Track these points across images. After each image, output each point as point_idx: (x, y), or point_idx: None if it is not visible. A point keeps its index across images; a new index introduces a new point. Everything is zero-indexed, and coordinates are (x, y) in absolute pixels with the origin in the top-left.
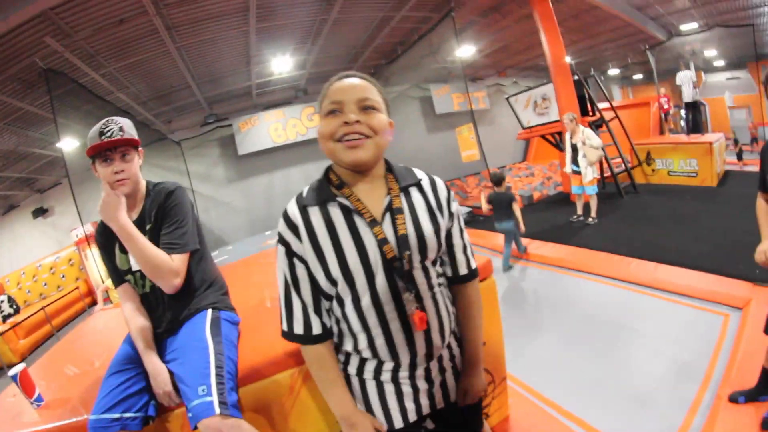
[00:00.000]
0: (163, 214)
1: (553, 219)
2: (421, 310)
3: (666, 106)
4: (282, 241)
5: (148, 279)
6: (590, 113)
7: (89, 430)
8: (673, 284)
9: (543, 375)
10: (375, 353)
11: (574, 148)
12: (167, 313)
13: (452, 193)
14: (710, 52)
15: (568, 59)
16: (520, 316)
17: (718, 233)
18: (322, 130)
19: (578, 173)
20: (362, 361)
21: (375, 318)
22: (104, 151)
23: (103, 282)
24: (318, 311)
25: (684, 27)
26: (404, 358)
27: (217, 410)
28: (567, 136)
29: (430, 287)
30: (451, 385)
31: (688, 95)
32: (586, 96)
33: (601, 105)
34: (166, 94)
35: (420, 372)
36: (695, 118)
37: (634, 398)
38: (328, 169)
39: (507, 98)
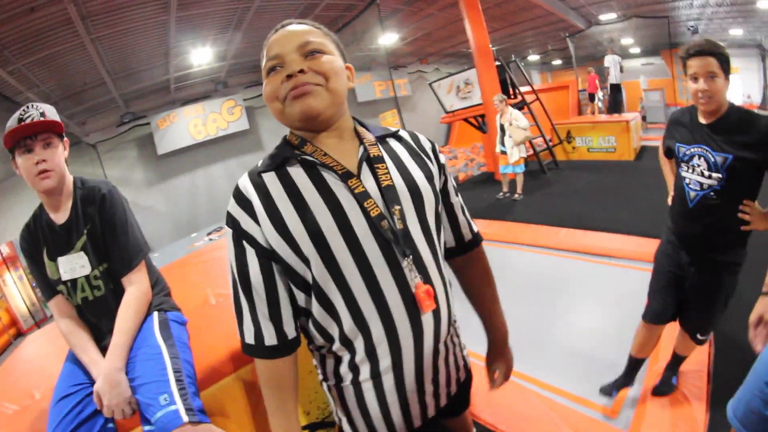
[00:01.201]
0: (104, 223)
1: (480, 197)
2: (426, 283)
3: (595, 87)
4: (230, 221)
5: (80, 289)
6: (512, 96)
7: None
8: (602, 248)
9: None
10: (371, 349)
11: (502, 129)
12: (110, 323)
13: (437, 145)
14: (627, 40)
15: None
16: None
17: (639, 201)
18: (265, 91)
19: (506, 153)
20: (355, 365)
21: (369, 299)
22: (24, 139)
23: (27, 308)
24: (275, 315)
25: (603, 17)
26: (408, 352)
27: (185, 418)
28: (497, 117)
29: (434, 253)
30: (453, 378)
31: (614, 77)
32: (508, 80)
33: (523, 89)
34: (80, 92)
35: (428, 371)
36: (616, 99)
37: (581, 354)
38: (287, 135)
39: (430, 84)
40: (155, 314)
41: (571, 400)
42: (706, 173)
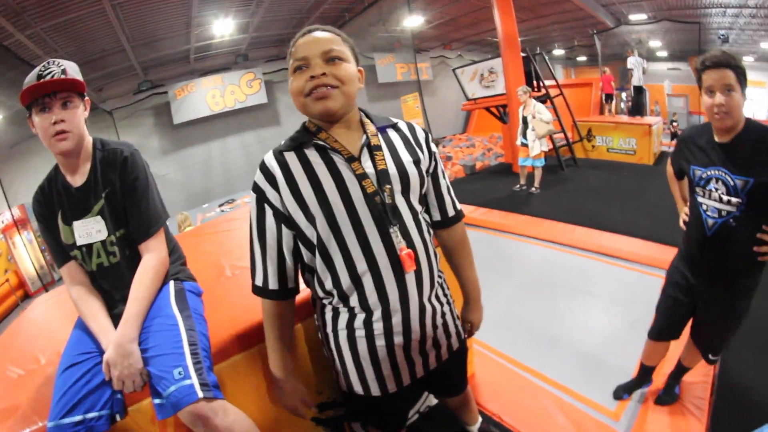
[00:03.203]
0: (125, 187)
1: (497, 188)
2: (409, 247)
3: (610, 87)
4: (255, 188)
5: (96, 254)
6: (536, 89)
7: None
8: (617, 250)
9: (500, 334)
10: (364, 301)
11: (524, 121)
12: (123, 290)
13: (430, 135)
14: (655, 43)
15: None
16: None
17: (655, 206)
18: (291, 87)
19: (526, 146)
20: (351, 315)
21: (362, 258)
22: (41, 97)
23: (36, 271)
24: (280, 267)
25: (633, 16)
26: (395, 305)
27: (200, 393)
28: (520, 109)
29: (417, 225)
30: (443, 344)
31: (637, 79)
32: (533, 72)
33: (547, 82)
34: (98, 58)
35: (414, 324)
36: (639, 101)
37: (588, 354)
38: (306, 121)
39: (454, 70)
40: (171, 283)
41: (575, 399)
42: (725, 198)
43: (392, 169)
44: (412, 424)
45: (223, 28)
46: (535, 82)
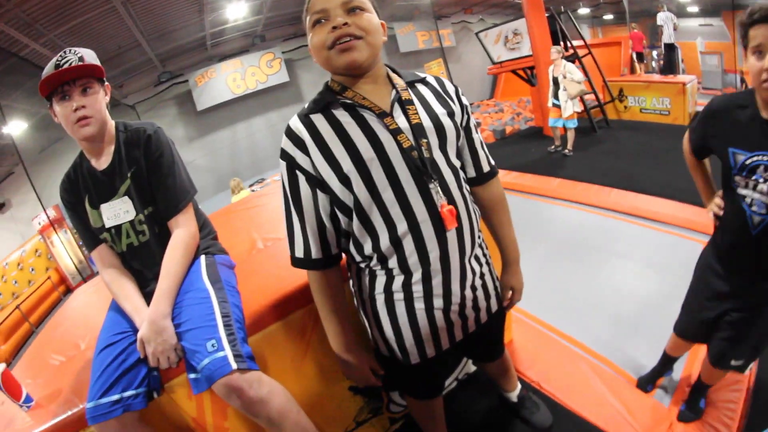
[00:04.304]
0: (150, 164)
1: (529, 152)
2: (449, 204)
3: (641, 46)
4: (284, 156)
5: (125, 235)
6: (563, 49)
7: (88, 420)
8: (654, 212)
9: (538, 300)
10: (404, 262)
11: (555, 82)
12: (155, 268)
13: (460, 89)
14: None
15: None
16: None
17: None
18: (312, 42)
19: (558, 107)
20: (389, 278)
21: (401, 216)
22: (61, 85)
23: (75, 266)
24: (321, 234)
25: None
26: (435, 265)
27: (234, 365)
28: (550, 70)
29: (457, 180)
30: (482, 306)
31: (668, 36)
32: (559, 32)
33: (574, 42)
34: (115, 56)
35: (455, 286)
36: (670, 59)
37: (625, 321)
38: (328, 81)
39: (477, 33)
40: (203, 257)
41: (609, 368)
42: None
43: (427, 123)
44: (450, 391)
45: (236, 11)
46: (561, 42)
